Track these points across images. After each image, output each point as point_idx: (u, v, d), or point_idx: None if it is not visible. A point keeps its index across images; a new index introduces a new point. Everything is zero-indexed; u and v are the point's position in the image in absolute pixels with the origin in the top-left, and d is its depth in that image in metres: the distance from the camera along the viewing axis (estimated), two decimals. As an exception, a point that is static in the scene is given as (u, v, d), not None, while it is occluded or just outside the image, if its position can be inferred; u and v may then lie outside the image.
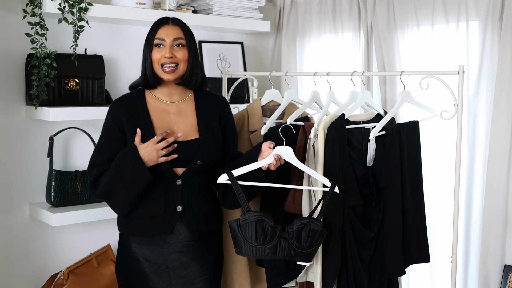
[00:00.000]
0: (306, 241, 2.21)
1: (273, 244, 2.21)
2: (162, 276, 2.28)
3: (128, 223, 2.29)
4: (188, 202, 2.28)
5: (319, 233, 2.23)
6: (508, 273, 2.66)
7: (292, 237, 2.21)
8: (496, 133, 2.66)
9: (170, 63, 2.25)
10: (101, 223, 3.01)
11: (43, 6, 2.65)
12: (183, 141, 2.27)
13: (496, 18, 2.68)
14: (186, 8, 3.19)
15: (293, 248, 2.21)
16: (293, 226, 2.21)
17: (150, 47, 2.26)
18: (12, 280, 2.85)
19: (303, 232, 2.21)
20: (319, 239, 2.24)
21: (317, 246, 2.26)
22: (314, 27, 3.43)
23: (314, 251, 2.26)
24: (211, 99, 2.39)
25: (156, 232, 2.26)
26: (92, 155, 2.30)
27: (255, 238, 2.20)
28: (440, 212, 2.97)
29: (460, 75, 2.42)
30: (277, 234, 2.20)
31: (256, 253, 2.22)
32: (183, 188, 2.27)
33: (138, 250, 2.29)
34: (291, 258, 2.23)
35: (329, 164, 2.35)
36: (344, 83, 2.89)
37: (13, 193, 2.84)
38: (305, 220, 2.22)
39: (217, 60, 3.40)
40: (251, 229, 2.20)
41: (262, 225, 2.19)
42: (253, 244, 2.20)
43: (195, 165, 2.26)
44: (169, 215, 2.26)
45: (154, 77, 2.27)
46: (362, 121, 2.52)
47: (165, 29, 2.27)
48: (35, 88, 2.68)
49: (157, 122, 2.28)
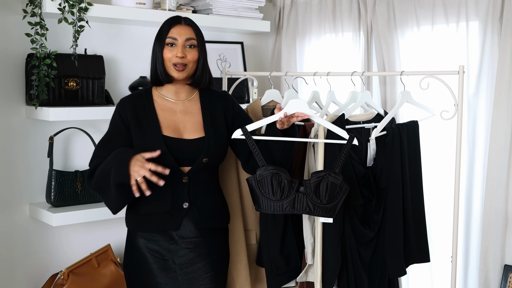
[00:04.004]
0: (325, 195, 2.18)
1: (290, 198, 2.21)
2: (169, 272, 2.29)
3: (135, 219, 2.31)
4: (194, 199, 2.30)
5: (339, 186, 2.19)
6: (508, 273, 2.66)
7: (310, 191, 2.19)
8: (496, 133, 2.66)
9: (181, 63, 2.26)
10: (101, 223, 3.01)
11: (43, 6, 2.65)
12: (189, 139, 2.28)
13: (496, 18, 2.68)
14: (186, 8, 3.19)
15: (312, 202, 2.19)
16: (310, 180, 2.20)
17: (162, 45, 2.28)
18: (12, 280, 2.85)
19: (321, 185, 2.18)
20: (339, 193, 2.20)
21: (339, 201, 2.21)
22: (314, 27, 3.43)
23: (336, 207, 2.21)
24: (215, 97, 2.41)
25: (163, 228, 2.28)
26: (95, 149, 2.32)
27: (272, 193, 2.20)
28: (440, 212, 2.97)
29: (460, 75, 2.42)
30: (294, 189, 2.20)
31: (274, 208, 2.23)
32: (190, 186, 2.29)
33: (145, 245, 2.30)
34: (310, 212, 2.22)
35: (329, 164, 2.35)
36: (344, 83, 2.89)
37: (13, 193, 2.84)
38: (322, 173, 2.20)
39: (217, 60, 3.40)
40: (268, 184, 2.21)
41: (278, 179, 2.20)
42: (270, 199, 2.21)
43: (201, 163, 2.28)
44: (176, 211, 2.28)
45: (165, 75, 2.29)
46: (362, 121, 2.52)
47: (178, 29, 2.28)
48: (35, 88, 2.68)
49: (163, 121, 2.29)
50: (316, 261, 2.38)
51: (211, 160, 2.30)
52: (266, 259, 2.49)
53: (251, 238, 2.62)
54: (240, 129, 2.28)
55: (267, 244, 2.48)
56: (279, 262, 2.46)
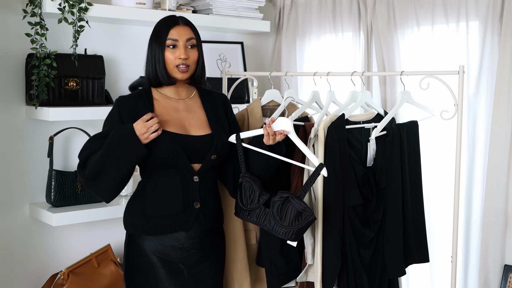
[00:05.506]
0: (285, 217, 2.18)
1: (256, 210, 2.23)
2: (177, 275, 2.27)
3: (142, 223, 2.26)
4: (204, 199, 2.30)
5: (301, 213, 2.16)
6: (508, 273, 2.66)
7: (273, 209, 2.20)
8: (496, 133, 2.66)
9: (184, 64, 2.26)
10: (101, 223, 3.01)
11: (43, 6, 2.65)
12: (196, 136, 2.28)
13: (496, 18, 2.68)
14: (186, 8, 3.19)
15: (273, 219, 2.20)
16: (275, 197, 2.21)
17: (162, 47, 2.26)
18: (12, 280, 2.85)
19: (283, 206, 2.18)
20: (300, 219, 2.16)
21: (300, 227, 2.16)
22: (314, 27, 3.43)
23: (297, 231, 2.17)
24: (214, 96, 2.43)
25: (174, 230, 2.26)
26: (87, 141, 2.27)
27: (242, 200, 2.27)
28: (440, 212, 2.97)
29: (460, 75, 2.42)
30: (261, 202, 2.22)
31: (242, 215, 2.29)
32: (200, 185, 2.29)
33: (153, 249, 2.26)
34: (269, 229, 2.23)
35: (329, 164, 2.35)
36: (344, 83, 2.89)
37: (13, 193, 2.84)
38: (285, 195, 2.20)
39: (217, 60, 3.40)
40: (241, 191, 2.27)
41: (248, 188, 2.24)
42: (240, 206, 2.28)
43: (210, 160, 2.27)
44: (188, 212, 2.27)
45: (167, 77, 2.28)
46: (362, 121, 2.52)
47: (177, 30, 2.27)
48: (35, 88, 2.68)
49: (168, 119, 2.28)
50: (316, 261, 2.38)
51: (219, 157, 2.30)
52: (266, 259, 2.49)
53: (251, 238, 2.62)
54: (235, 135, 2.31)
55: (267, 244, 2.48)
56: (279, 262, 2.46)
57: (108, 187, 2.21)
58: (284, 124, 2.23)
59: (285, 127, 2.23)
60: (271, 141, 2.24)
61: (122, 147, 2.15)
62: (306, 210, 2.16)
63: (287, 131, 2.23)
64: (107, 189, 2.22)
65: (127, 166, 2.18)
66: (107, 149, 2.16)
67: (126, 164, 2.17)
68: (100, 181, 2.20)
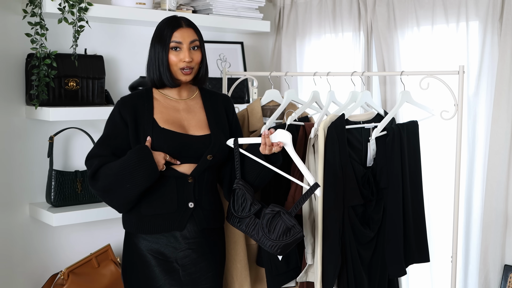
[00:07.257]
0: (273, 230, 2.18)
1: (247, 219, 2.24)
2: (172, 274, 2.28)
3: (138, 221, 2.28)
4: (199, 199, 2.30)
5: (291, 231, 2.16)
6: (508, 273, 2.66)
7: (263, 220, 2.20)
8: (496, 133, 2.66)
9: (188, 67, 2.27)
10: (101, 223, 3.01)
11: (43, 6, 2.65)
12: (194, 135, 2.29)
13: (496, 18, 2.68)
14: (186, 8, 3.19)
15: (261, 230, 2.20)
16: (267, 210, 2.21)
17: (166, 49, 2.25)
18: (12, 280, 2.85)
19: (273, 220, 2.18)
20: (288, 235, 2.16)
21: (286, 242, 2.16)
22: (314, 27, 3.43)
23: (284, 246, 2.17)
24: (216, 97, 2.43)
25: (168, 229, 2.27)
26: (93, 148, 2.29)
27: (234, 207, 2.27)
28: (440, 212, 2.97)
29: (460, 75, 2.42)
30: (252, 211, 2.23)
31: (233, 222, 2.29)
32: (195, 185, 2.29)
33: (148, 248, 2.28)
34: (256, 240, 2.23)
35: (329, 164, 2.35)
36: (344, 83, 2.89)
37: (13, 193, 2.84)
38: (277, 209, 2.20)
39: (217, 60, 3.40)
40: (234, 197, 2.27)
41: (241, 196, 2.25)
42: (231, 212, 2.29)
43: (206, 161, 2.28)
44: (181, 212, 2.28)
45: (172, 79, 2.28)
46: (362, 121, 2.52)
47: (181, 32, 2.26)
48: (35, 88, 2.68)
49: (168, 118, 2.29)
50: (316, 261, 2.38)
51: (215, 157, 2.30)
52: (266, 259, 2.49)
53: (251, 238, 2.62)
54: (233, 139, 2.31)
55: (267, 244, 2.48)
56: (279, 262, 2.46)
57: (119, 202, 2.25)
58: (282, 136, 2.22)
59: (283, 139, 2.22)
60: (267, 151, 2.24)
61: (139, 171, 2.17)
62: (295, 227, 2.16)
63: (284, 143, 2.22)
64: (119, 203, 2.26)
65: (140, 189, 2.21)
66: (123, 169, 2.18)
67: (139, 188, 2.20)
68: (112, 197, 2.24)
